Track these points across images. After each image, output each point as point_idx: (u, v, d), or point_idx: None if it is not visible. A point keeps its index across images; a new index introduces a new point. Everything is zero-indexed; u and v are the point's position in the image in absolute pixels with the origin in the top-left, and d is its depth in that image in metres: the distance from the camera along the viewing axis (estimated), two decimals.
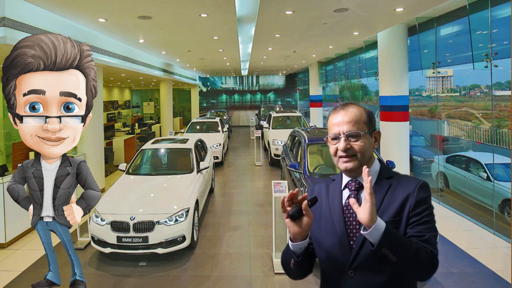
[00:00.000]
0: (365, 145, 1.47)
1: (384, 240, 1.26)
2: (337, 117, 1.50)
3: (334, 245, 1.46)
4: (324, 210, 1.55)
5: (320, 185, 1.66)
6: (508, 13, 5.69)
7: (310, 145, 6.19)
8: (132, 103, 26.75)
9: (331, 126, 1.53)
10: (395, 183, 1.47)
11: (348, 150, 1.46)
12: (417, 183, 1.45)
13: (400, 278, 1.41)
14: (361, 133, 1.47)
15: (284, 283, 4.38)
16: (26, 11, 5.43)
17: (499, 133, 9.24)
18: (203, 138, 9.04)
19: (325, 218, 1.52)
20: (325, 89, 18.44)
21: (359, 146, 1.46)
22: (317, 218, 1.53)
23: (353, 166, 1.46)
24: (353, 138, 1.46)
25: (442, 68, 7.88)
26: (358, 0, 5.88)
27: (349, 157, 1.46)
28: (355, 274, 1.41)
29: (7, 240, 5.48)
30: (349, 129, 1.47)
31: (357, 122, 1.48)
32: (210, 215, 6.84)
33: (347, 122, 1.47)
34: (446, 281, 4.25)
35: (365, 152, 1.47)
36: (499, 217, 6.17)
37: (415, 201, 1.41)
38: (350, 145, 1.46)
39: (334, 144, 1.50)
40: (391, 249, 1.27)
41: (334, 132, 1.50)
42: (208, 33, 8.49)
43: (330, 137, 1.51)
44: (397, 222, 1.40)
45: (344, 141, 1.46)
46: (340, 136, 1.47)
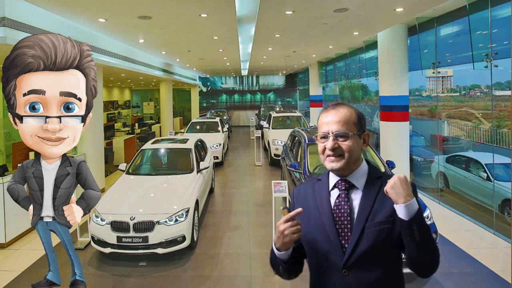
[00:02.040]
0: (353, 145, 1.48)
1: (417, 216, 1.32)
2: (327, 116, 1.52)
3: (325, 246, 1.47)
4: (312, 211, 1.55)
5: (306, 186, 1.66)
6: (508, 13, 5.69)
7: (310, 145, 6.18)
8: (132, 103, 26.75)
9: (320, 124, 1.54)
10: (385, 183, 1.47)
11: (335, 150, 1.48)
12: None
13: (392, 276, 1.44)
14: (349, 133, 1.48)
15: (284, 283, 4.37)
16: (26, 11, 5.43)
17: (499, 133, 9.24)
18: (203, 138, 9.03)
19: (314, 219, 1.53)
20: (325, 89, 18.44)
21: (347, 146, 1.47)
22: (306, 220, 1.53)
23: (339, 166, 1.48)
24: (341, 138, 1.48)
25: (442, 68, 7.88)
26: (358, 0, 5.88)
27: (336, 156, 1.48)
28: (350, 273, 1.42)
29: (7, 240, 5.48)
30: (338, 129, 1.48)
31: (346, 123, 1.49)
32: (210, 215, 6.84)
33: (337, 122, 1.49)
34: (446, 281, 4.25)
35: (353, 153, 1.48)
36: (499, 217, 6.17)
37: None
38: (338, 145, 1.48)
39: (322, 143, 1.51)
40: (419, 226, 1.32)
41: (323, 130, 1.51)
42: (208, 33, 8.49)
43: (319, 135, 1.53)
44: (391, 222, 1.41)
45: (332, 140, 1.48)
46: (329, 135, 1.49)
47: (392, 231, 1.40)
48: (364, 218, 1.43)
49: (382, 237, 1.40)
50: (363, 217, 1.44)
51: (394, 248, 1.42)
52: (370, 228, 1.42)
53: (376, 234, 1.41)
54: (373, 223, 1.42)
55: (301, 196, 1.64)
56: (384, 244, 1.40)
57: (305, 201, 1.60)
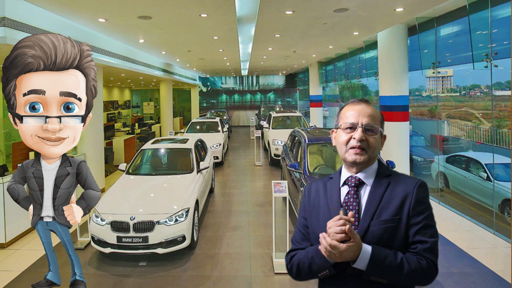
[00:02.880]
0: (377, 142, 1.50)
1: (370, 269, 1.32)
2: (357, 108, 1.50)
3: None
4: (322, 208, 1.55)
5: (317, 183, 1.66)
6: (508, 13, 5.69)
7: (310, 145, 6.18)
8: (132, 103, 26.75)
9: (348, 115, 1.51)
10: (394, 181, 1.48)
11: (362, 142, 1.46)
12: (416, 182, 1.46)
13: None
14: (379, 129, 1.49)
15: (284, 283, 4.37)
16: (26, 11, 5.43)
17: (499, 133, 9.24)
18: (203, 138, 9.03)
19: (323, 215, 1.53)
20: (325, 89, 18.44)
21: (374, 140, 1.48)
22: (315, 216, 1.54)
23: (363, 159, 1.47)
24: (370, 131, 1.47)
25: (442, 68, 7.88)
26: (358, 0, 5.88)
27: (361, 149, 1.47)
28: (354, 272, 1.41)
29: (7, 240, 5.48)
30: (368, 122, 1.47)
31: (375, 118, 1.50)
32: (210, 215, 6.84)
33: (368, 115, 1.49)
34: (446, 281, 4.25)
35: (375, 149, 1.49)
36: (499, 217, 6.17)
37: (415, 200, 1.42)
38: (366, 138, 1.47)
39: (347, 133, 1.49)
40: (380, 275, 1.33)
41: (351, 121, 1.49)
42: (208, 33, 8.49)
43: (345, 125, 1.50)
44: (396, 221, 1.40)
45: (361, 132, 1.46)
46: (358, 126, 1.47)
47: (397, 230, 1.40)
48: (370, 215, 1.43)
49: (387, 235, 1.40)
50: (369, 215, 1.43)
51: (399, 247, 1.40)
52: (375, 226, 1.41)
53: (381, 232, 1.40)
54: (379, 221, 1.41)
55: (313, 192, 1.63)
56: (388, 242, 1.39)
57: (316, 197, 1.60)
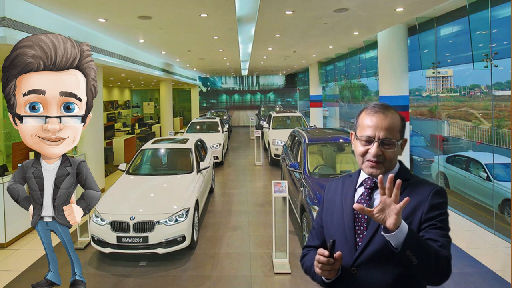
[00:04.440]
0: (395, 153, 1.46)
1: (407, 242, 1.24)
2: (374, 120, 1.45)
3: (341, 241, 1.47)
4: (337, 206, 1.56)
5: (336, 182, 1.66)
6: (508, 13, 5.69)
7: (310, 145, 6.18)
8: (132, 103, 26.75)
9: (365, 127, 1.47)
10: (411, 186, 1.45)
11: (379, 156, 1.44)
12: (432, 188, 1.43)
13: (403, 280, 1.39)
14: (396, 142, 1.44)
15: (284, 283, 4.37)
16: (26, 11, 5.43)
17: (499, 133, 9.24)
18: (203, 138, 9.03)
19: (336, 214, 1.54)
20: (325, 89, 18.44)
21: (391, 154, 1.44)
22: (330, 214, 1.57)
23: (379, 172, 1.45)
24: (386, 145, 1.44)
25: (442, 68, 7.88)
26: (358, 0, 5.88)
27: (377, 163, 1.45)
28: (358, 271, 1.42)
29: (7, 240, 5.48)
30: (385, 136, 1.43)
31: (393, 130, 1.45)
32: (210, 215, 6.84)
33: (385, 129, 1.43)
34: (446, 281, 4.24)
35: (393, 160, 1.46)
36: (499, 217, 6.17)
37: (428, 206, 1.39)
38: (382, 152, 1.44)
39: (364, 146, 1.47)
40: (414, 252, 1.25)
41: (368, 134, 1.45)
42: (208, 33, 8.49)
43: (362, 138, 1.47)
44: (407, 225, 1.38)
45: (377, 147, 1.43)
46: (375, 140, 1.44)
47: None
48: None
49: None
50: None
51: None
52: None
53: None
54: None
55: (331, 190, 1.64)
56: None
57: (333, 195, 1.61)
